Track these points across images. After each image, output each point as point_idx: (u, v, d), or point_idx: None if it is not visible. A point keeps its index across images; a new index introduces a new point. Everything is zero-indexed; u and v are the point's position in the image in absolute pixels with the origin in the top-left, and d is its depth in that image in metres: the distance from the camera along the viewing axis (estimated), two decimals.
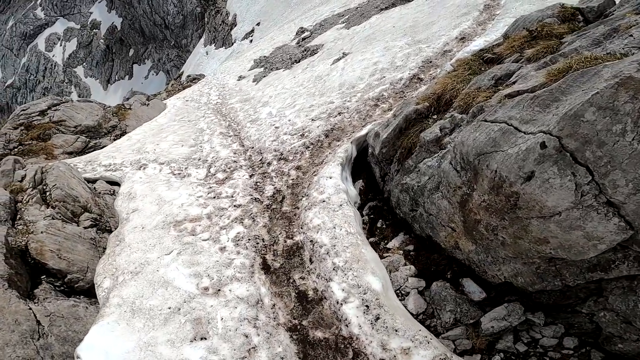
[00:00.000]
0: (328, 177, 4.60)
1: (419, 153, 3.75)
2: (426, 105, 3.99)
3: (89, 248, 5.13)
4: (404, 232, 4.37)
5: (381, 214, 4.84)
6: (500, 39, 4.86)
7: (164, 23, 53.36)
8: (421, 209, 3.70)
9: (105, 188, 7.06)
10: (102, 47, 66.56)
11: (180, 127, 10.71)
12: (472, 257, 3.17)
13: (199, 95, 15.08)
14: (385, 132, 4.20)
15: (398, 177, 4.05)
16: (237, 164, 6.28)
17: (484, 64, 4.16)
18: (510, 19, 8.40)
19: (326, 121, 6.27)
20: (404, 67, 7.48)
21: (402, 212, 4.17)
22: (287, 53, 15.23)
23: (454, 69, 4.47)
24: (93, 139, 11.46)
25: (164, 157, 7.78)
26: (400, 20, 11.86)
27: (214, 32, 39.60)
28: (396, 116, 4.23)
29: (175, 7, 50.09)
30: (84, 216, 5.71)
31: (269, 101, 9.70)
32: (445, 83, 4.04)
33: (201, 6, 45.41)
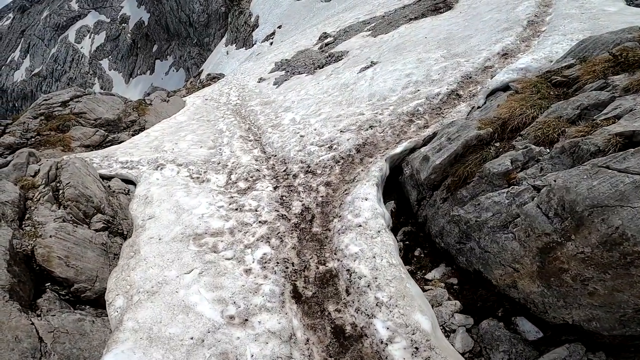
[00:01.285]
0: (364, 199, 4.20)
1: (477, 184, 3.34)
2: (489, 131, 3.58)
3: (100, 255, 4.79)
4: (445, 263, 3.99)
5: (417, 241, 4.44)
6: (568, 60, 4.41)
7: (188, 21, 54.13)
8: (473, 244, 3.31)
9: (120, 187, 6.78)
10: (128, 41, 67.90)
11: (199, 126, 10.46)
12: (534, 298, 2.92)
13: (218, 95, 14.88)
14: (439, 158, 3.78)
15: (446, 207, 3.66)
16: (259, 173, 5.91)
17: (552, 87, 3.73)
18: (560, 36, 7.92)
19: (357, 134, 5.87)
20: (440, 81, 7.05)
21: (445, 243, 3.78)
22: (309, 58, 14.94)
23: (516, 91, 4.04)
24: (111, 133, 11.30)
25: (182, 158, 7.49)
26: (432, 31, 11.45)
27: (236, 33, 39.81)
28: (451, 140, 3.82)
29: (200, 5, 50.74)
30: (96, 217, 5.41)
31: (291, 106, 9.36)
32: (512, 107, 3.62)
33: (226, 6, 45.84)
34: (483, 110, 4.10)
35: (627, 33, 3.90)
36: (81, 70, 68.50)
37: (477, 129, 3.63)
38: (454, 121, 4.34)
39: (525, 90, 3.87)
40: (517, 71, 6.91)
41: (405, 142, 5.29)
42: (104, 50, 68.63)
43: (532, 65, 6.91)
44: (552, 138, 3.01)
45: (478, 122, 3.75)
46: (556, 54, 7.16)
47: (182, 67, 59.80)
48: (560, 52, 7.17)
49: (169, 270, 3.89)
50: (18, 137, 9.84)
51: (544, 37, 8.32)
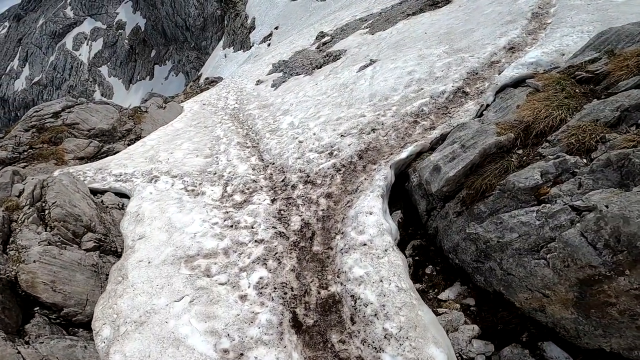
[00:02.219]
0: (368, 213, 3.85)
1: (498, 199, 2.98)
2: (511, 137, 3.21)
3: (90, 277, 4.48)
4: (460, 281, 3.63)
5: (427, 256, 4.09)
6: (590, 54, 4.03)
7: (185, 25, 53.98)
8: (493, 264, 2.96)
9: (113, 201, 6.48)
10: (126, 47, 67.84)
11: (196, 133, 10.15)
12: (565, 324, 2.62)
13: (216, 99, 14.57)
14: (452, 169, 3.42)
15: (461, 222, 3.30)
16: (256, 184, 5.57)
17: (576, 84, 3.35)
18: (569, 28, 7.53)
19: (358, 138, 5.51)
20: (445, 78, 6.68)
21: (459, 259, 3.43)
22: (307, 58, 14.59)
23: (536, 89, 3.67)
24: (106, 144, 11.01)
25: (177, 169, 7.17)
26: (432, 26, 11.06)
27: (233, 35, 39.52)
28: (466, 147, 3.45)
29: (196, 9, 50.54)
30: (87, 237, 5.12)
31: (289, 109, 9.02)
32: (536, 108, 3.25)
33: (221, 9, 45.59)
34: (499, 111, 3.74)
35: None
36: (81, 77, 68.51)
37: (496, 135, 3.26)
38: (466, 124, 3.98)
39: (547, 88, 3.49)
40: (527, 66, 6.52)
41: (411, 146, 4.94)
42: (102, 57, 68.59)
43: (543, 60, 6.52)
44: (589, 146, 2.64)
45: (496, 125, 3.38)
46: (567, 47, 6.77)
47: (182, 71, 59.69)
48: (571, 45, 6.78)
49: (158, 298, 3.57)
50: (10, 151, 9.57)
51: (551, 30, 7.92)
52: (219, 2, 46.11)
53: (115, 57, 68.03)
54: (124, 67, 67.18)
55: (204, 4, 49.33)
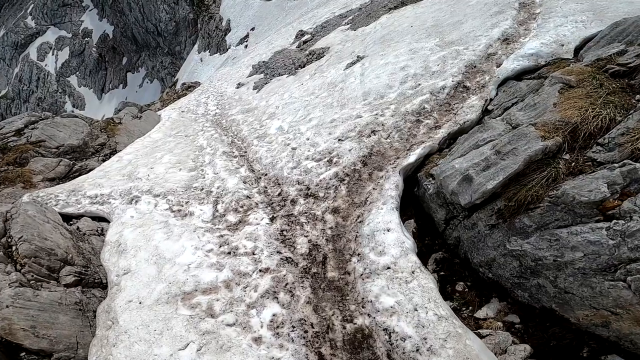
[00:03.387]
0: (385, 230, 3.41)
1: (548, 212, 2.59)
2: (558, 142, 2.81)
3: (75, 317, 3.97)
4: (496, 296, 3.25)
5: (452, 269, 3.70)
6: (615, 46, 3.69)
7: (156, 30, 52.28)
8: (543, 281, 2.66)
9: (91, 227, 5.81)
10: (94, 55, 65.18)
11: (176, 144, 9.47)
12: (634, 339, 2.40)
13: (195, 105, 13.85)
14: (491, 181, 3.00)
15: (498, 237, 2.92)
16: (251, 200, 5.03)
17: (610, 78, 3.01)
18: (561, 18, 7.33)
19: (359, 143, 5.05)
20: (442, 72, 6.31)
21: (494, 274, 3.09)
22: (288, 57, 14.05)
23: (568, 85, 3.29)
24: (78, 161, 10.17)
25: (159, 186, 6.54)
26: (417, 19, 10.73)
27: (208, 38, 38.46)
28: (503, 154, 3.04)
29: (167, 13, 48.99)
30: (65, 270, 4.55)
31: (275, 112, 8.49)
32: (581, 107, 2.87)
33: (194, 12, 44.33)
34: (528, 110, 3.35)
35: None
36: (49, 89, 65.47)
37: (541, 139, 2.85)
38: (487, 123, 3.58)
39: (583, 84, 3.12)
40: (527, 57, 6.25)
41: (418, 148, 4.52)
42: (70, 67, 65.72)
43: (542, 51, 6.26)
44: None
45: (535, 127, 2.97)
46: (564, 38, 6.55)
47: (156, 77, 57.86)
48: (568, 36, 6.56)
49: (159, 347, 3.03)
50: None
51: (543, 20, 7.69)
52: (190, 5, 44.80)
53: (84, 66, 65.32)
54: (94, 76, 64.61)
55: (175, 8, 47.86)
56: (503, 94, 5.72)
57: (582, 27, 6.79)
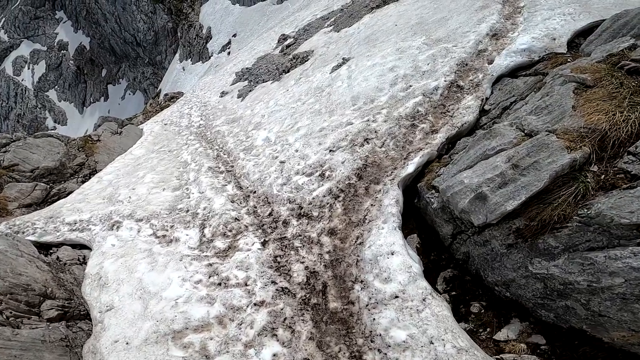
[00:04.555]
0: (389, 254, 3.10)
1: (577, 233, 2.33)
2: (587, 153, 2.52)
3: (62, 354, 3.69)
4: (516, 316, 2.98)
5: (464, 288, 3.42)
6: (626, 40, 3.43)
7: (135, 40, 51.25)
8: (573, 303, 2.47)
9: (71, 256, 5.38)
10: (72, 68, 63.54)
11: (159, 161, 9.02)
12: None
13: (178, 117, 13.39)
14: (511, 201, 2.69)
15: (517, 258, 2.67)
16: (240, 223, 4.65)
17: (628, 76, 2.75)
18: (548, 11, 7.17)
19: (352, 153, 4.72)
20: (433, 72, 6.03)
21: (513, 294, 2.90)
22: (272, 63, 13.68)
23: (583, 84, 3.01)
24: (56, 184, 9.63)
25: (141, 209, 6.12)
26: (401, 18, 10.48)
27: (189, 47, 37.84)
28: (523, 169, 2.73)
29: (145, 23, 48.04)
30: (46, 304, 4.22)
31: (261, 122, 8.11)
32: (607, 110, 2.59)
33: (172, 21, 43.56)
34: (543, 114, 3.03)
35: None
36: (28, 104, 63.62)
37: (567, 150, 2.55)
38: (494, 129, 3.27)
39: (603, 84, 2.84)
40: (519, 53, 6.02)
41: (416, 156, 4.21)
42: (48, 81, 63.95)
43: (535, 45, 6.06)
44: None
45: (556, 136, 2.67)
46: (555, 31, 6.37)
47: (139, 89, 56.76)
48: (558, 29, 6.39)
49: None
50: None
51: (529, 13, 7.51)
52: (169, 14, 44.01)
53: (62, 79, 63.64)
54: (73, 90, 63.00)
55: (153, 17, 46.94)
56: (499, 93, 5.47)
57: (570, 20, 6.62)
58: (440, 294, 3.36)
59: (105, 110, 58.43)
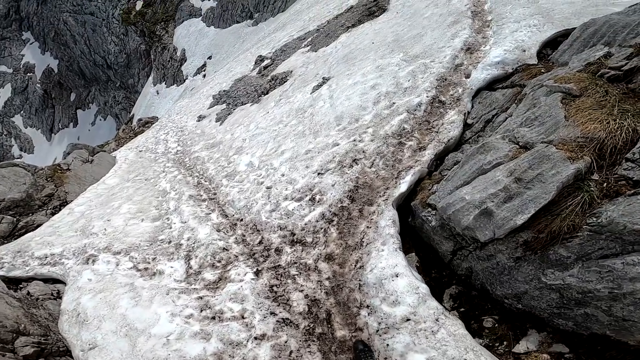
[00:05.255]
0: (393, 276, 2.99)
1: (589, 242, 2.33)
2: (588, 162, 2.50)
3: None
4: (532, 327, 2.92)
5: (471, 303, 3.37)
6: (599, 48, 3.52)
7: (105, 63, 50.04)
8: (593, 310, 2.44)
9: (44, 291, 5.06)
10: (39, 92, 61.08)
11: (135, 190, 8.62)
12: None
13: (154, 143, 12.97)
14: (519, 215, 2.63)
15: (528, 270, 2.68)
16: (228, 252, 4.40)
17: (609, 84, 2.79)
18: (514, 24, 7.45)
19: (341, 175, 4.59)
20: (415, 88, 6.07)
21: (525, 305, 2.86)
22: (250, 85, 13.60)
23: (571, 94, 3.03)
24: (23, 217, 9.02)
25: (119, 242, 5.75)
26: (377, 36, 10.69)
27: (163, 70, 37.38)
28: (528, 182, 2.69)
29: (116, 45, 47.13)
30: (20, 341, 3.86)
31: (243, 146, 7.92)
32: (600, 119, 2.60)
33: (145, 43, 42.98)
34: (535, 125, 3.00)
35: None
36: None
37: (569, 160, 2.53)
38: (487, 143, 3.23)
39: (589, 92, 2.87)
40: (494, 66, 6.17)
41: (408, 175, 4.14)
42: (14, 105, 61.20)
43: (508, 58, 6.23)
44: None
45: (555, 147, 2.64)
46: (523, 43, 6.60)
47: (110, 114, 55.19)
48: (527, 41, 6.62)
49: None
50: None
51: (498, 27, 7.78)
52: (141, 36, 43.45)
53: (29, 104, 61.08)
54: (40, 115, 60.49)
55: (125, 39, 46.20)
56: (479, 106, 5.54)
57: (536, 31, 6.88)
58: (449, 312, 3.25)
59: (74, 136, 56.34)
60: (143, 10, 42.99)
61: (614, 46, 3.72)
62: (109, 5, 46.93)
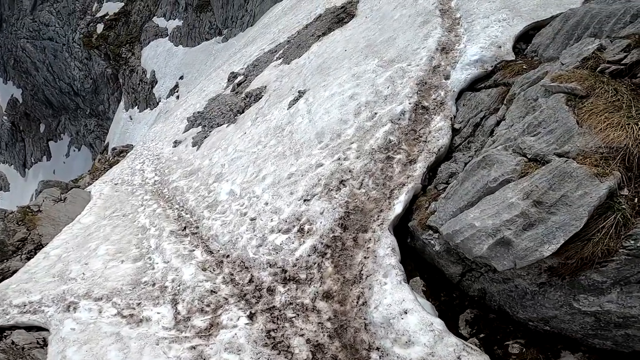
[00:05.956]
0: (402, 313, 2.75)
1: (628, 266, 2.15)
2: (617, 178, 2.26)
3: None
4: (565, 348, 2.70)
5: (491, 327, 3.12)
6: (590, 42, 3.32)
7: (72, 90, 48.03)
8: (636, 331, 2.29)
9: (28, 339, 4.83)
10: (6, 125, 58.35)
11: (113, 228, 8.10)
12: None
13: (130, 175, 12.40)
14: (545, 245, 2.37)
15: (556, 296, 2.51)
16: (217, 295, 4.02)
17: (614, 80, 2.58)
18: (484, 19, 7.36)
19: (329, 200, 4.27)
20: (395, 95, 5.84)
21: (555, 328, 2.68)
22: (224, 104, 13.18)
23: (576, 94, 2.80)
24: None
25: (99, 287, 5.36)
26: (349, 42, 10.49)
27: (134, 93, 36.40)
28: (549, 206, 2.43)
29: (80, 70, 45.26)
30: None
31: (222, 172, 7.51)
32: (621, 124, 2.38)
33: (112, 67, 41.59)
34: (545, 133, 2.68)
35: None
36: None
37: (597, 178, 2.27)
38: (488, 155, 2.97)
39: (597, 92, 2.64)
40: (473, 64, 6.02)
41: (401, 194, 3.87)
42: None
43: (485, 55, 6.09)
44: None
45: (586, 163, 2.37)
46: (497, 39, 6.48)
47: (84, 143, 53.26)
48: (500, 36, 6.51)
49: None
50: None
51: (468, 23, 7.67)
52: (106, 60, 41.98)
53: None
54: (11, 150, 57.82)
55: (89, 64, 44.37)
56: (465, 109, 5.34)
57: (507, 26, 6.78)
58: (466, 339, 2.97)
59: (49, 170, 54.17)
60: (105, 33, 41.77)
61: (602, 38, 3.55)
62: (67, 30, 45.23)
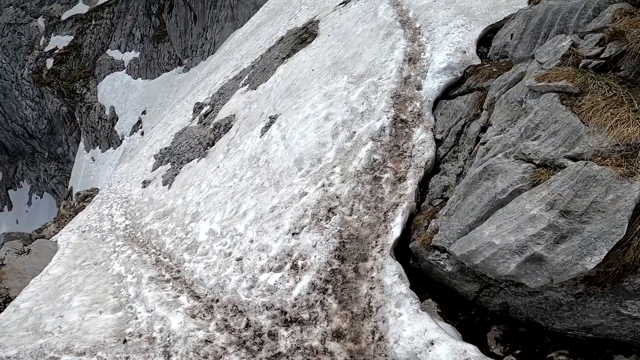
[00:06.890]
0: (428, 345, 2.55)
1: None
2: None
3: None
4: (616, 352, 2.57)
5: (525, 341, 2.88)
6: (562, 39, 3.28)
7: (26, 132, 45.05)
8: None
9: None
10: None
11: (85, 278, 7.44)
12: None
13: (98, 221, 11.61)
14: (587, 257, 2.20)
15: (600, 304, 2.39)
16: (213, 345, 3.59)
17: (598, 74, 2.52)
18: (443, 27, 7.54)
19: (321, 231, 3.98)
20: (371, 111, 5.72)
21: (599, 334, 2.56)
22: (193, 137, 12.72)
23: (568, 93, 2.72)
24: None
25: (79, 340, 4.82)
26: (315, 62, 10.45)
27: (94, 132, 34.90)
28: (578, 215, 2.26)
29: (33, 110, 42.44)
30: None
31: (199, 211, 7.06)
32: (632, 119, 2.31)
33: (66, 104, 39.32)
34: (548, 136, 2.52)
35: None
36: None
37: (625, 179, 2.13)
38: (491, 165, 2.80)
39: (591, 89, 2.57)
40: (442, 72, 6.04)
41: (397, 216, 3.66)
42: None
43: (453, 62, 6.14)
44: None
45: (596, 162, 2.24)
46: (460, 44, 6.59)
47: (46, 190, 50.27)
48: (462, 42, 6.63)
49: None
50: None
51: (429, 32, 7.81)
52: (60, 97, 39.65)
53: None
54: None
55: (42, 102, 41.64)
56: (443, 117, 5.28)
57: (466, 31, 6.93)
58: (502, 359, 2.73)
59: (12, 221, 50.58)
60: (56, 68, 39.79)
61: (569, 34, 3.56)
62: (15, 66, 42.75)
